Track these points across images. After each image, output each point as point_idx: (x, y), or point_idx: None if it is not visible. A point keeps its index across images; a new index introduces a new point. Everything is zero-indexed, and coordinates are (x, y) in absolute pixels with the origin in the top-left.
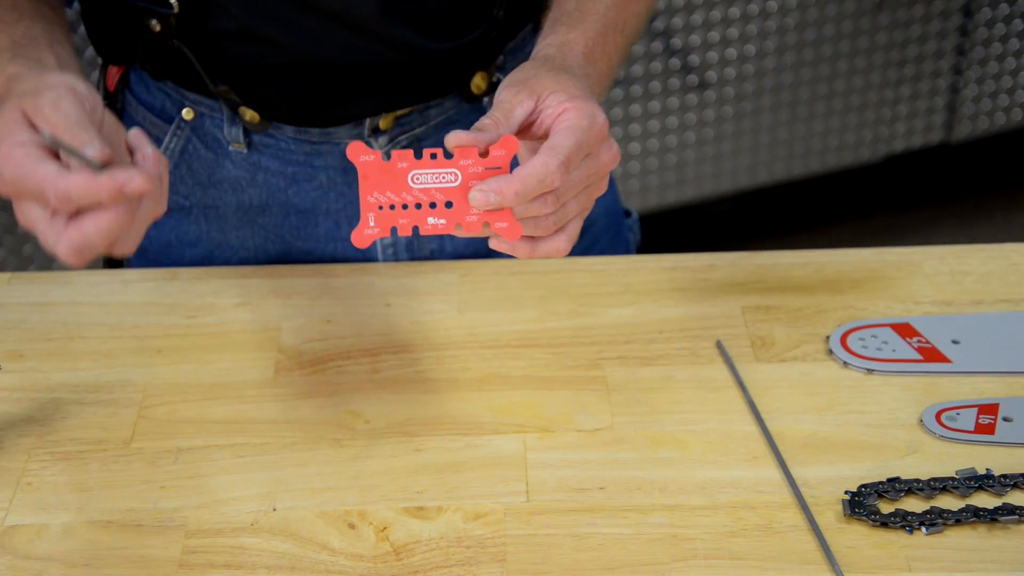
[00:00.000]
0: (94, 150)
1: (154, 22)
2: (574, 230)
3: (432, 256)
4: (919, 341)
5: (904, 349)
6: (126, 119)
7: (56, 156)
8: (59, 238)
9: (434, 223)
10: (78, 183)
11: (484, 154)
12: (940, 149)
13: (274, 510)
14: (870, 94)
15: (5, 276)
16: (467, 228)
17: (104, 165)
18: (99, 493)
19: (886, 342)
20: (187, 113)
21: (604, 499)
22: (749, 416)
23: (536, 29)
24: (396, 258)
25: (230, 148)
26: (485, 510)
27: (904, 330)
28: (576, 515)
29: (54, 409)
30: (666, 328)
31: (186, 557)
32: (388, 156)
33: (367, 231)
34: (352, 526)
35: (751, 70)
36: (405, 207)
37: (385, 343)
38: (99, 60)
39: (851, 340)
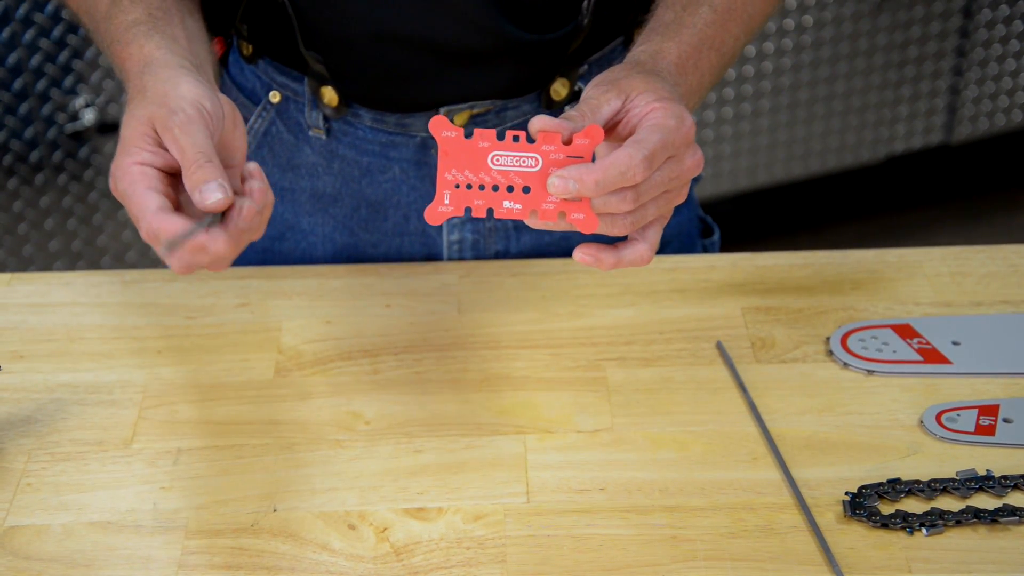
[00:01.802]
0: (209, 195)
1: None
2: (654, 238)
3: (497, 256)
4: (919, 342)
5: (904, 350)
6: None
7: (171, 179)
8: (170, 254)
9: (510, 207)
10: (169, 229)
11: (567, 142)
12: (940, 150)
13: (274, 511)
14: (870, 95)
15: (5, 277)
16: (542, 216)
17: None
18: (99, 494)
19: (886, 343)
20: (274, 96)
21: (604, 500)
22: (749, 417)
23: (627, 44)
24: (461, 256)
25: (310, 133)
26: (485, 511)
27: (904, 331)
28: (576, 516)
29: (54, 410)
30: (666, 329)
31: (186, 558)
32: (470, 134)
33: (441, 208)
34: (352, 527)
35: (751, 71)
36: (482, 188)
37: (385, 344)
38: None
39: (851, 341)
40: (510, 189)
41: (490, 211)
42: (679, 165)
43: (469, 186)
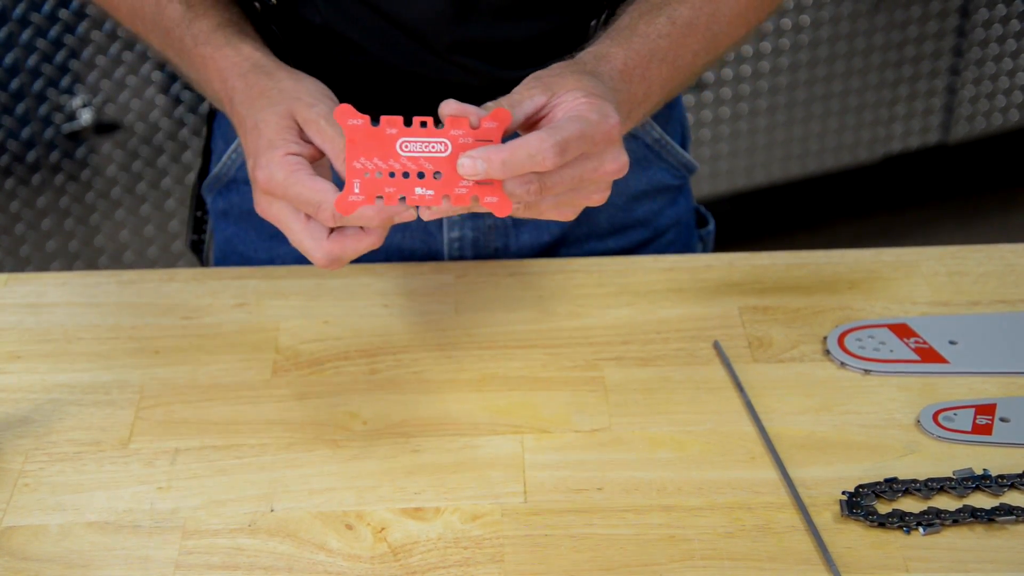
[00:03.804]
0: None
1: (257, 4)
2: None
3: (496, 254)
4: (916, 342)
5: (901, 350)
6: None
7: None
8: (318, 246)
9: (422, 193)
10: (365, 212)
11: (475, 126)
12: (937, 150)
13: (272, 511)
14: (867, 95)
15: (2, 277)
16: (456, 200)
17: None
18: (96, 494)
19: (883, 343)
20: None
21: (602, 500)
22: (746, 417)
23: None
24: (462, 253)
25: None
26: (483, 511)
27: (901, 331)
28: (574, 516)
29: (51, 410)
30: (663, 329)
31: (183, 558)
32: (377, 121)
33: (351, 197)
34: (350, 527)
35: (748, 71)
36: (392, 175)
37: (382, 344)
38: None
39: (848, 341)
40: (421, 175)
41: (402, 198)
42: (595, 163)
43: (379, 174)
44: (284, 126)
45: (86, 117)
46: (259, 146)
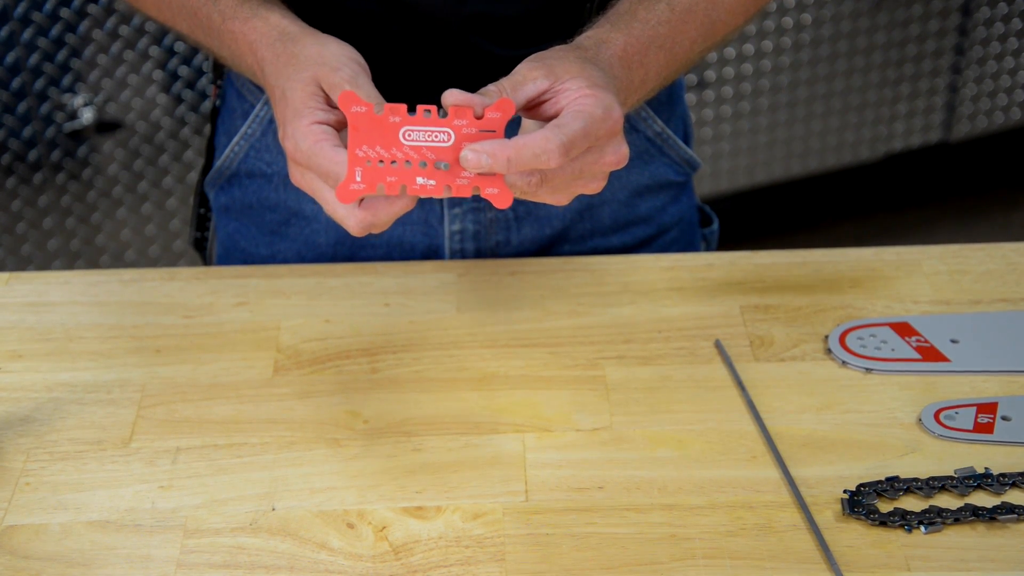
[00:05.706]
0: None
1: None
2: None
3: (497, 247)
4: (918, 340)
5: (903, 348)
6: (227, 85)
7: (339, 135)
8: (351, 213)
9: (423, 183)
10: None
11: (479, 116)
12: (939, 148)
13: (273, 510)
14: (869, 93)
15: (4, 276)
16: (456, 191)
17: None
18: (98, 493)
19: (885, 341)
20: None
21: (603, 499)
22: (748, 416)
23: None
24: (463, 246)
25: None
26: (484, 510)
27: (903, 329)
28: (575, 515)
29: (53, 409)
30: (665, 328)
31: (185, 557)
32: (381, 109)
33: (353, 186)
34: (351, 526)
35: (749, 69)
36: (394, 164)
37: (384, 343)
38: None
39: (850, 339)
40: (423, 165)
41: (403, 188)
42: (597, 156)
43: (381, 162)
44: (310, 93)
45: (88, 116)
46: (286, 115)
